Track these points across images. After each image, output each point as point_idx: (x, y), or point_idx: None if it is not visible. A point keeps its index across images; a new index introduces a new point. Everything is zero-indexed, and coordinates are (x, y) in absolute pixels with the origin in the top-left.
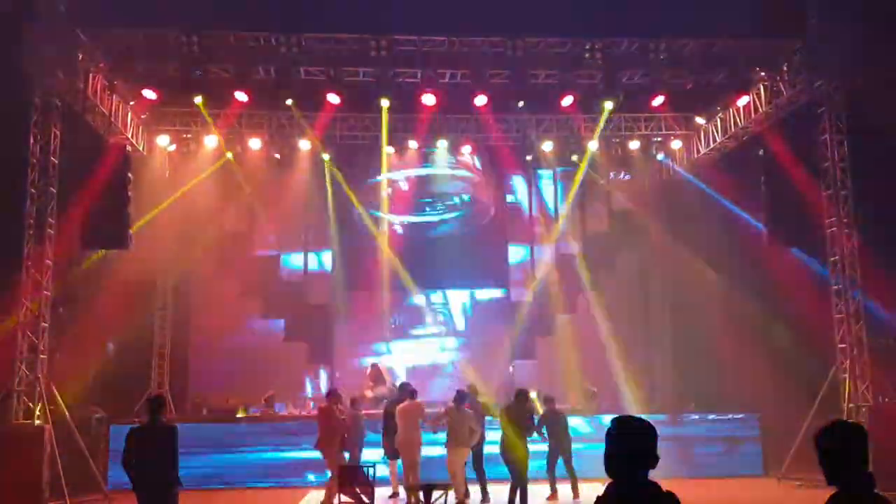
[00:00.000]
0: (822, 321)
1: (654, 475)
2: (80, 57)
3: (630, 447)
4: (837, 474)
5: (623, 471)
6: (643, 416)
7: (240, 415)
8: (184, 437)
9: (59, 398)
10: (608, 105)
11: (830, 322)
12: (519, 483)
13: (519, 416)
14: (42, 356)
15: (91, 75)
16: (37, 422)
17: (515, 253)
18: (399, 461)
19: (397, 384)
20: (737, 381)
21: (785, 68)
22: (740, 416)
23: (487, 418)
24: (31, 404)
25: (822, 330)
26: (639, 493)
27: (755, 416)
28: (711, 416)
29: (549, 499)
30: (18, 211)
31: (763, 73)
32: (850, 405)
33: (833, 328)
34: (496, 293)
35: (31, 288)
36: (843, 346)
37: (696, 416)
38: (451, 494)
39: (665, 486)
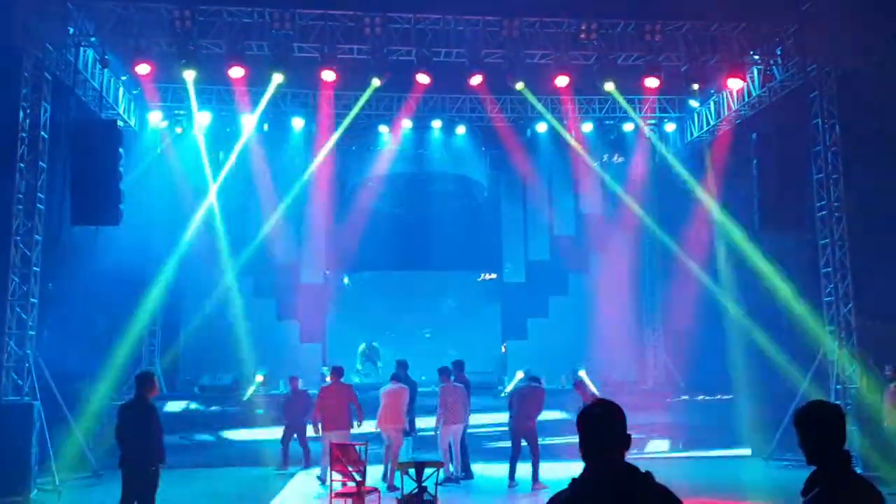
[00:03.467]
0: (812, 303)
1: (642, 454)
2: (71, 30)
3: (604, 429)
4: (816, 454)
5: (600, 453)
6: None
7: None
8: (173, 415)
9: (48, 375)
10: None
11: (820, 304)
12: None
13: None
14: (31, 332)
15: (82, 49)
16: (25, 398)
17: (509, 234)
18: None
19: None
20: (726, 363)
21: (778, 52)
22: (729, 397)
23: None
24: (19, 381)
25: (813, 311)
26: (617, 474)
27: (743, 397)
28: (700, 397)
29: None
30: (7, 185)
31: (757, 57)
32: (838, 387)
33: (822, 310)
34: (489, 273)
35: (19, 263)
36: (832, 328)
37: (685, 398)
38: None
39: (654, 465)
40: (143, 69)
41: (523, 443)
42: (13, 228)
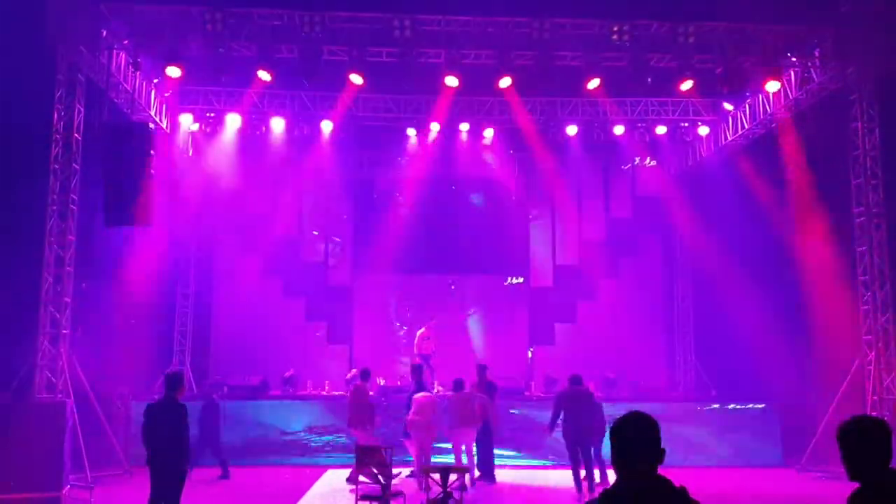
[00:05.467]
0: (848, 311)
1: (673, 463)
2: (104, 33)
3: (635, 442)
4: (860, 471)
5: (631, 465)
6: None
7: None
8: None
9: (81, 373)
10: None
11: (857, 312)
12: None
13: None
14: (64, 331)
15: (115, 52)
16: (59, 396)
17: (537, 238)
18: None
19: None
20: (759, 371)
21: (816, 54)
22: (761, 405)
23: None
24: (53, 379)
25: (848, 320)
26: (649, 488)
27: (776, 406)
28: (732, 406)
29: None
30: (41, 187)
31: (794, 59)
32: (875, 398)
33: (859, 319)
34: (517, 278)
35: (53, 263)
36: (869, 337)
37: (717, 406)
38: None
39: (684, 474)
40: (174, 72)
41: None
42: (47, 229)
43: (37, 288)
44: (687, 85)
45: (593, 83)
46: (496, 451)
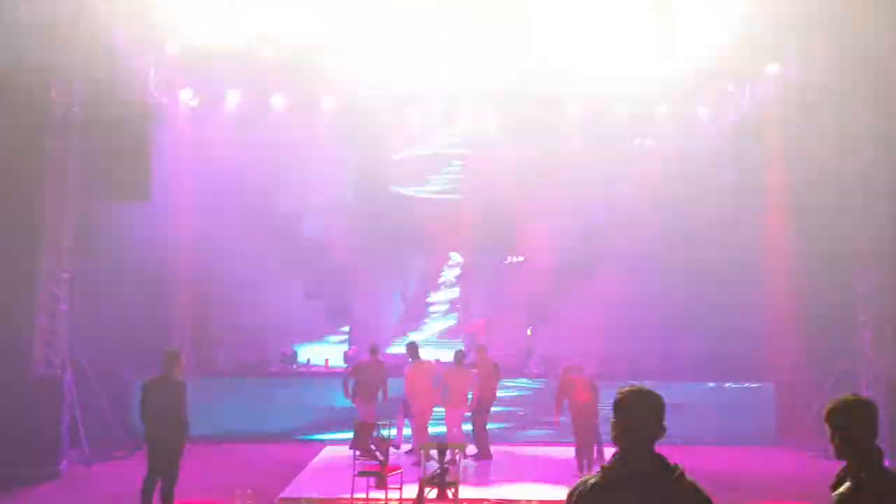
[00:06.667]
0: (846, 292)
1: (667, 442)
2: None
3: (638, 417)
4: (846, 450)
5: (630, 441)
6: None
7: None
8: (202, 390)
9: (78, 349)
10: None
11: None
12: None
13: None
14: (62, 307)
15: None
16: (56, 372)
17: (535, 216)
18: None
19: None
20: (755, 349)
21: None
22: (756, 385)
23: None
24: (51, 354)
25: (847, 301)
26: (646, 464)
27: (771, 385)
28: (727, 385)
29: None
30: (39, 162)
31: None
32: (869, 377)
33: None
34: (517, 257)
35: (51, 239)
36: (865, 318)
37: (712, 384)
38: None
39: (678, 453)
40: (173, 47)
41: None
42: (45, 204)
43: (35, 264)
44: None
45: None
46: (493, 429)
